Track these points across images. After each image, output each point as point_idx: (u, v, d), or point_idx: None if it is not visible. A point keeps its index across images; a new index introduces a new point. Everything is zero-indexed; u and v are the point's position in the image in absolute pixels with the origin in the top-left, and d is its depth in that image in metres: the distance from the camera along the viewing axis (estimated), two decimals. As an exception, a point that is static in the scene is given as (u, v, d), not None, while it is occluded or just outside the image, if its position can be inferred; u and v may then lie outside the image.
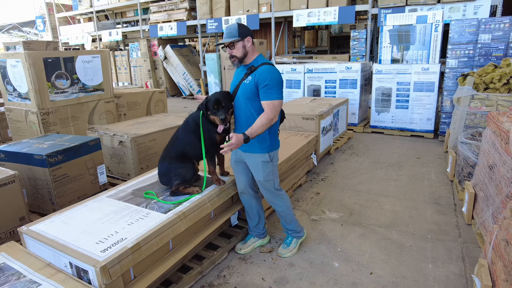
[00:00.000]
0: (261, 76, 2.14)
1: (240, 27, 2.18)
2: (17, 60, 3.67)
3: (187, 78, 10.21)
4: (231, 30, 2.18)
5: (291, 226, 2.52)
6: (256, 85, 2.16)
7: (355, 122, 6.17)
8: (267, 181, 2.35)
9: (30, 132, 3.91)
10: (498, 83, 3.83)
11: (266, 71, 2.14)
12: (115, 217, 2.08)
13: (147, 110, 5.31)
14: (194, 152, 2.46)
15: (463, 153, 3.37)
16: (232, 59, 2.25)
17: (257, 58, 2.26)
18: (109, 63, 4.49)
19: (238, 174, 2.48)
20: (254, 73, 2.18)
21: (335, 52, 12.08)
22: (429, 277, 2.25)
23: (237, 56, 2.21)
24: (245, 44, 2.20)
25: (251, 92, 2.19)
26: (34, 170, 2.75)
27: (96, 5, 12.31)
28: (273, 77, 2.14)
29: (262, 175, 2.32)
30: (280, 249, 2.53)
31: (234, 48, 2.19)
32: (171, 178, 2.45)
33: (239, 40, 2.17)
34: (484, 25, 4.77)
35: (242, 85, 2.23)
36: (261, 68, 2.17)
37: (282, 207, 2.45)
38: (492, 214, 2.38)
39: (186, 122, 2.53)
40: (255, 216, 2.56)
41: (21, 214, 2.47)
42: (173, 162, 2.47)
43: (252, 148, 2.28)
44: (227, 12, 8.89)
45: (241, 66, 2.31)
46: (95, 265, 1.63)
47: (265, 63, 2.21)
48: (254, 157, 2.30)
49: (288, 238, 2.56)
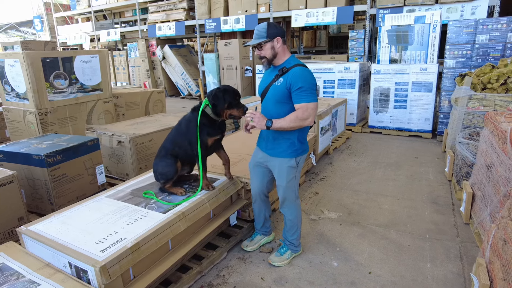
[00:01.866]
0: (293, 78, 2.04)
1: (269, 27, 2.09)
2: (15, 60, 3.66)
3: (185, 78, 10.21)
4: (260, 31, 2.10)
5: (292, 238, 2.43)
6: (289, 87, 2.06)
7: (353, 122, 6.18)
8: (289, 187, 2.27)
9: (28, 132, 3.90)
10: (496, 83, 3.84)
11: (299, 73, 2.05)
12: (114, 217, 2.08)
13: (145, 110, 5.31)
14: (183, 153, 2.46)
15: (461, 153, 3.39)
16: (262, 60, 2.16)
17: (289, 59, 2.16)
18: (108, 63, 4.49)
19: (254, 179, 2.43)
20: (286, 75, 2.09)
21: (333, 52, 12.10)
22: (428, 276, 2.26)
23: (266, 57, 2.13)
24: (274, 45, 2.10)
25: (282, 95, 2.10)
26: (33, 170, 2.75)
27: (94, 5, 12.28)
28: (307, 79, 2.04)
29: (286, 180, 2.24)
30: (272, 256, 2.44)
31: (262, 49, 2.11)
32: (157, 176, 2.51)
33: (267, 41, 2.08)
34: (481, 25, 4.79)
35: (273, 87, 2.14)
36: (293, 69, 2.08)
37: (293, 216, 2.36)
38: (490, 214, 2.39)
39: (179, 123, 2.52)
40: (261, 219, 2.57)
41: (20, 214, 2.46)
42: (161, 160, 2.48)
43: (279, 152, 2.20)
44: (226, 12, 8.89)
45: (271, 67, 2.22)
46: (94, 265, 1.63)
47: (298, 65, 2.11)
48: (280, 162, 2.21)
49: (283, 248, 2.47)
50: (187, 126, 2.40)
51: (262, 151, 2.32)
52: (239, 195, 2.82)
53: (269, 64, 2.18)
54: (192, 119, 2.37)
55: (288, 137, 2.18)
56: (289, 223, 2.39)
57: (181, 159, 2.48)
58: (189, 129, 2.38)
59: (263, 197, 2.48)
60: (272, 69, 2.23)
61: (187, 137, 2.39)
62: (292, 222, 2.38)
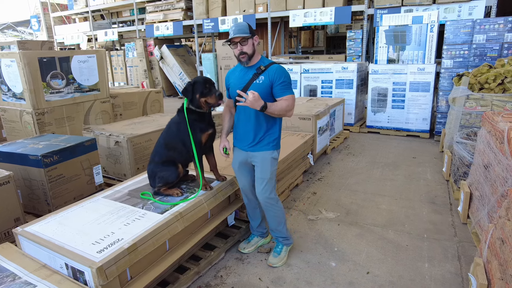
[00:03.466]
0: (276, 74, 2.17)
1: (249, 26, 2.18)
2: (11, 60, 3.64)
3: (183, 78, 10.19)
4: (242, 27, 2.15)
5: (282, 232, 2.44)
6: (271, 83, 2.18)
7: (351, 122, 6.19)
8: (271, 179, 2.31)
9: (25, 133, 3.87)
10: (493, 83, 3.86)
11: (280, 69, 2.20)
12: (111, 218, 2.07)
13: (143, 110, 5.29)
14: (178, 155, 2.45)
15: (458, 153, 3.39)
16: (241, 56, 2.19)
17: (263, 58, 2.28)
18: (105, 63, 4.47)
19: (242, 177, 2.44)
20: (265, 73, 2.19)
21: (331, 52, 12.10)
22: (426, 276, 2.26)
23: (247, 53, 2.18)
24: (254, 43, 2.20)
25: (265, 91, 2.18)
26: (29, 171, 2.73)
27: (91, 4, 12.23)
28: (287, 75, 2.22)
29: (270, 171, 2.28)
30: (270, 258, 2.43)
31: (246, 44, 2.16)
32: (155, 180, 2.46)
33: (250, 37, 2.16)
34: (479, 25, 4.80)
35: (254, 85, 2.20)
36: (273, 67, 2.21)
37: (278, 211, 2.37)
38: (487, 213, 2.40)
39: (168, 127, 2.52)
40: (257, 217, 2.56)
41: (16, 215, 2.45)
42: (157, 165, 2.47)
43: (261, 146, 2.28)
44: (224, 12, 8.88)
45: (242, 67, 2.28)
46: (91, 266, 1.62)
47: (273, 63, 2.25)
48: (263, 154, 2.28)
49: (279, 246, 2.47)
50: (178, 128, 2.41)
51: (243, 151, 2.34)
52: (237, 195, 2.81)
53: (249, 60, 2.22)
54: (180, 120, 2.39)
55: (272, 131, 2.29)
56: (275, 218, 2.39)
57: (178, 161, 2.48)
58: (180, 130, 2.38)
59: (255, 194, 2.46)
60: (245, 69, 2.27)
61: (180, 138, 2.40)
62: (278, 217, 2.39)
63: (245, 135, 2.30)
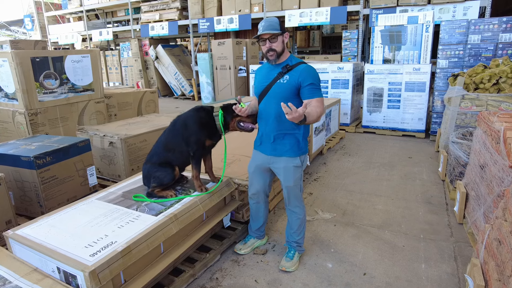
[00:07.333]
0: (304, 75, 2.04)
1: (280, 22, 2.07)
2: (3, 59, 3.59)
3: (178, 78, 10.14)
4: (272, 23, 2.04)
5: (299, 238, 2.40)
6: (298, 84, 2.06)
7: (347, 122, 6.19)
8: (296, 186, 2.25)
9: (18, 133, 3.82)
10: (488, 83, 3.87)
11: (309, 69, 2.07)
12: (104, 220, 2.04)
13: (138, 110, 5.25)
14: (177, 157, 2.42)
15: (454, 153, 3.40)
16: (269, 54, 2.08)
17: (291, 57, 2.16)
18: (99, 62, 4.42)
19: (255, 180, 2.40)
20: (291, 72, 2.08)
21: (327, 53, 12.13)
22: (422, 277, 2.26)
23: (276, 50, 2.07)
24: (284, 40, 2.08)
25: (290, 92, 2.08)
26: (21, 172, 2.68)
27: (86, 4, 12.14)
28: (316, 75, 2.09)
29: (293, 180, 2.21)
30: (283, 262, 2.38)
31: (276, 41, 2.05)
32: (150, 181, 2.43)
33: (280, 34, 2.05)
34: (473, 26, 4.82)
35: (277, 84, 2.11)
36: (301, 66, 2.08)
37: (302, 214, 2.34)
38: (483, 213, 2.40)
39: (173, 123, 2.46)
40: (260, 220, 2.54)
41: (8, 217, 2.40)
42: (154, 166, 2.43)
43: (283, 151, 2.18)
44: (219, 12, 8.86)
45: (269, 65, 2.19)
46: (83, 269, 1.59)
47: (302, 62, 2.12)
48: (285, 161, 2.19)
49: (291, 252, 2.42)
50: (185, 124, 2.37)
51: (264, 154, 2.28)
52: (233, 196, 2.79)
53: (277, 58, 2.12)
54: (193, 114, 2.37)
55: (293, 133, 2.16)
56: (297, 222, 2.35)
57: (176, 163, 2.44)
58: (187, 126, 2.35)
59: (264, 197, 2.46)
60: (271, 67, 2.19)
61: (184, 136, 2.36)
62: (301, 221, 2.35)
63: (265, 136, 2.24)
